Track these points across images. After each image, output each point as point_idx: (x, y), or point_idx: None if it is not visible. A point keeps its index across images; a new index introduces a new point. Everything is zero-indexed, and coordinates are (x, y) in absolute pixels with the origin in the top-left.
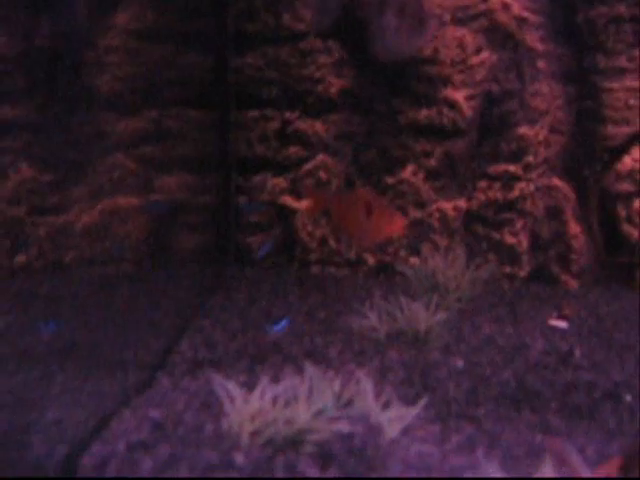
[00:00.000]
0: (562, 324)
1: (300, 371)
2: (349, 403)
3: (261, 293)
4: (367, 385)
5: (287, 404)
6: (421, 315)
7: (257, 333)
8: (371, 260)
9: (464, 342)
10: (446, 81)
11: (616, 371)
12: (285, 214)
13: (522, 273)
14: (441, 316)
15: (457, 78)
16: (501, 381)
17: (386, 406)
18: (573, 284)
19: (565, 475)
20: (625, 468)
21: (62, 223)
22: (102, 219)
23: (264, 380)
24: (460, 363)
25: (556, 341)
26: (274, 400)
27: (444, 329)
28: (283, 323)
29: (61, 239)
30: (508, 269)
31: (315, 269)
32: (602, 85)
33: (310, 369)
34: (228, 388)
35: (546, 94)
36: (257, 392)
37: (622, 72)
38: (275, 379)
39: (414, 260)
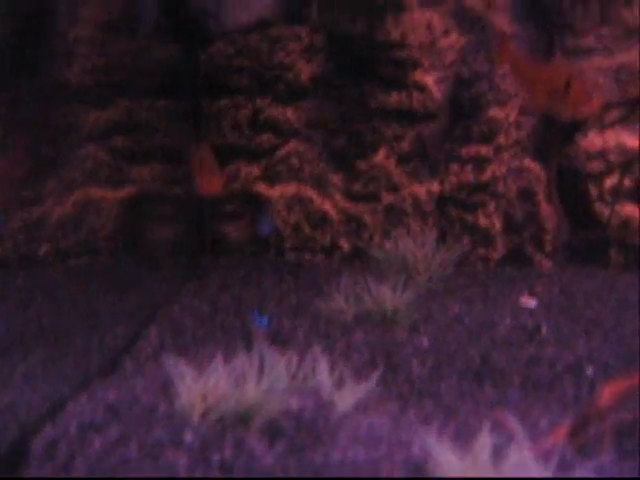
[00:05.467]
0: (532, 302)
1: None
2: (303, 380)
3: (234, 280)
4: (322, 362)
5: (238, 382)
6: (388, 296)
7: (226, 318)
8: (346, 246)
9: (432, 321)
10: (415, 64)
11: (581, 346)
12: (259, 202)
13: (496, 255)
14: (409, 296)
15: (426, 61)
16: (466, 358)
17: (340, 383)
18: (547, 264)
19: (501, 440)
20: (572, 434)
21: (36, 216)
22: (75, 211)
23: (217, 360)
24: (426, 342)
25: (524, 319)
26: (226, 379)
27: (412, 309)
28: (264, 319)
29: (35, 232)
30: (482, 251)
31: (290, 256)
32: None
33: (262, 347)
34: (180, 369)
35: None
36: (208, 371)
37: (590, 52)
38: (230, 359)
39: (389, 245)
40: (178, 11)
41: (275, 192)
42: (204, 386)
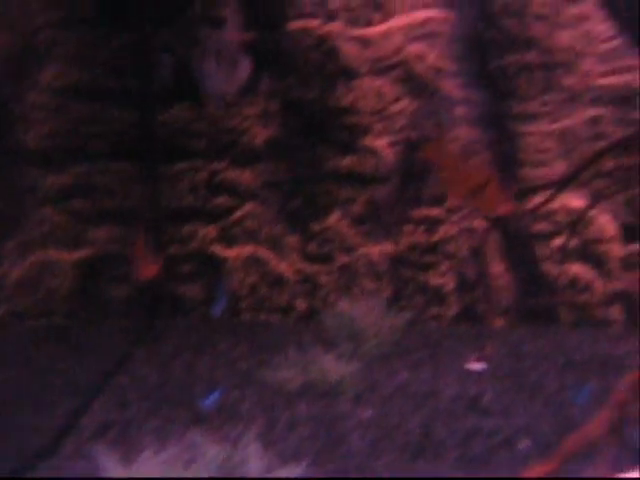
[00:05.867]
0: (479, 366)
1: (205, 431)
2: (232, 469)
3: (187, 344)
4: (254, 447)
5: (166, 474)
6: (332, 366)
7: (174, 391)
8: (302, 306)
9: (376, 391)
10: (366, 130)
11: (521, 415)
12: (216, 263)
13: (449, 313)
14: (355, 365)
15: (377, 126)
16: (406, 431)
17: (270, 469)
18: (498, 323)
19: None
20: None
21: None
22: (33, 272)
23: (148, 450)
24: (368, 414)
25: (469, 385)
26: (154, 470)
27: (357, 379)
28: (215, 395)
29: None
30: (435, 310)
31: (246, 316)
32: (517, 130)
33: (197, 434)
34: (107, 466)
35: (464, 139)
36: (139, 462)
37: (535, 117)
38: (162, 446)
39: (342, 304)
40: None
41: (231, 253)
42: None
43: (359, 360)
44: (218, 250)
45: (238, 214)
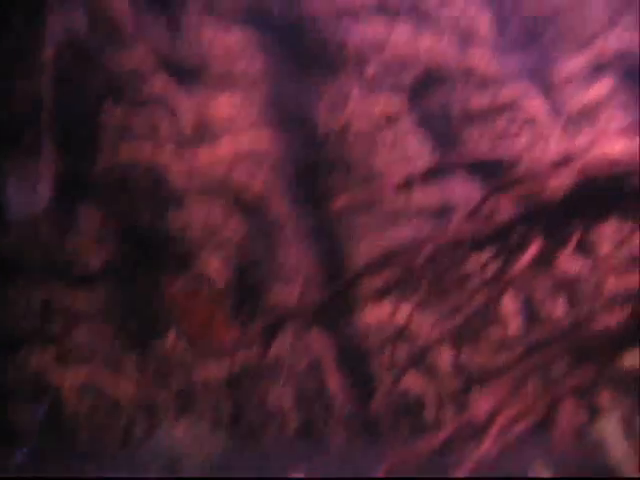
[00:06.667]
0: None
1: None
2: None
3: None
4: None
5: None
6: None
7: None
8: (138, 429)
9: None
10: (198, 252)
11: None
12: (50, 389)
13: (288, 430)
14: None
15: (208, 249)
16: None
17: None
18: (339, 437)
19: None
20: None
21: None
22: None
23: None
24: None
25: None
26: None
27: None
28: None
29: None
30: (274, 427)
31: (84, 436)
32: (347, 247)
33: None
34: None
35: (295, 258)
36: None
37: (363, 235)
38: None
39: (173, 429)
40: None
41: (66, 379)
42: None
43: None
44: (52, 374)
45: (73, 337)
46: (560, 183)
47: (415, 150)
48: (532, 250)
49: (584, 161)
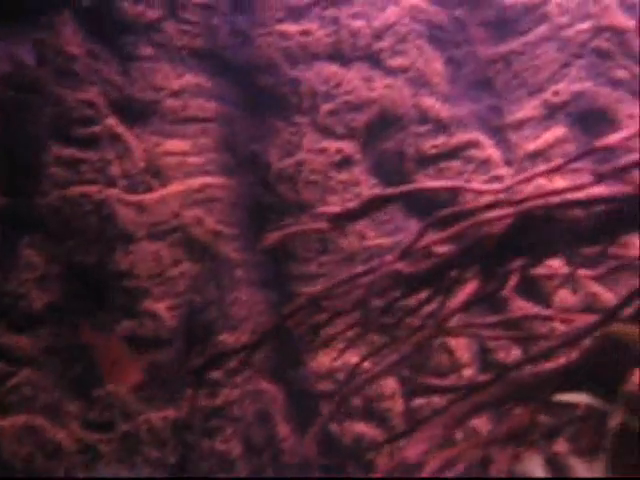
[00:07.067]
0: None
1: None
2: None
3: None
4: None
5: None
6: None
7: None
8: (81, 476)
9: None
10: (145, 293)
11: None
12: None
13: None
14: None
15: (156, 290)
16: None
17: None
18: None
19: None
20: None
21: None
22: None
23: None
24: None
25: None
26: None
27: None
28: None
29: None
30: (222, 477)
31: None
32: (298, 290)
33: None
34: None
35: (245, 301)
36: None
37: (313, 278)
38: None
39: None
40: None
41: (5, 423)
42: None
43: None
44: None
45: (14, 381)
46: (498, 219)
47: (367, 192)
48: (468, 289)
49: (523, 197)
